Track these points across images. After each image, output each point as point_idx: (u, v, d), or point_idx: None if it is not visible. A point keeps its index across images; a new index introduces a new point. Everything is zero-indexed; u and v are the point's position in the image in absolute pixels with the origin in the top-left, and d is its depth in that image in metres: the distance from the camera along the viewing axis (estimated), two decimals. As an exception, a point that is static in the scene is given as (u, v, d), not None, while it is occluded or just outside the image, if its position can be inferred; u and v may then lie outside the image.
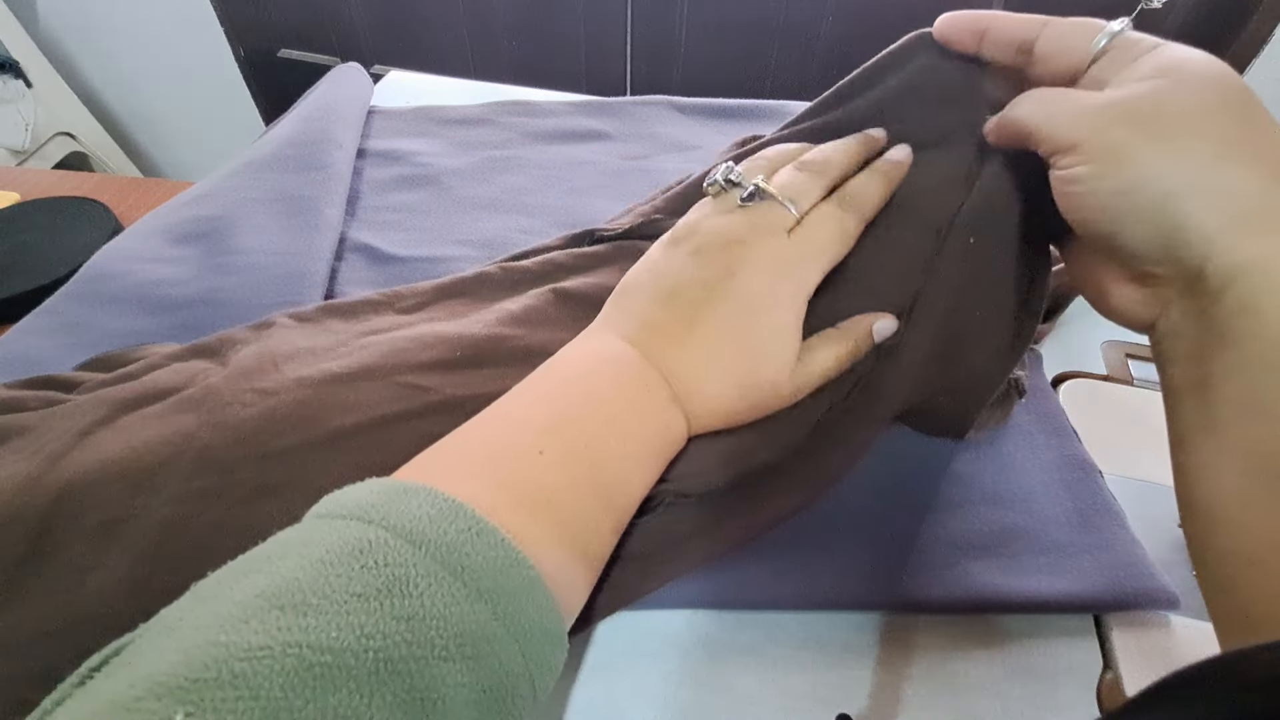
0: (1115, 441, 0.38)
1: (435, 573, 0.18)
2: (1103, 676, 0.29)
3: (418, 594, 0.17)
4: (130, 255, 0.44)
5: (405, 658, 0.16)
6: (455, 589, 0.18)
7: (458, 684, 0.17)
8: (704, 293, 0.28)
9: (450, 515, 0.20)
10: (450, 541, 0.19)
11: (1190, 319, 0.23)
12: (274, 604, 0.16)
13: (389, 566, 0.18)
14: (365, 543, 0.18)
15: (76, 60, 1.46)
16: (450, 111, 0.63)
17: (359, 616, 0.16)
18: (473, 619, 0.18)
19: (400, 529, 0.19)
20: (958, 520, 0.33)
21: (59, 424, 0.31)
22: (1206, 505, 0.22)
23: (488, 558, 0.19)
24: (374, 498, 0.20)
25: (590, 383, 0.27)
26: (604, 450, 0.25)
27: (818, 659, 0.29)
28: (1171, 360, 0.24)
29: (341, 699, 0.15)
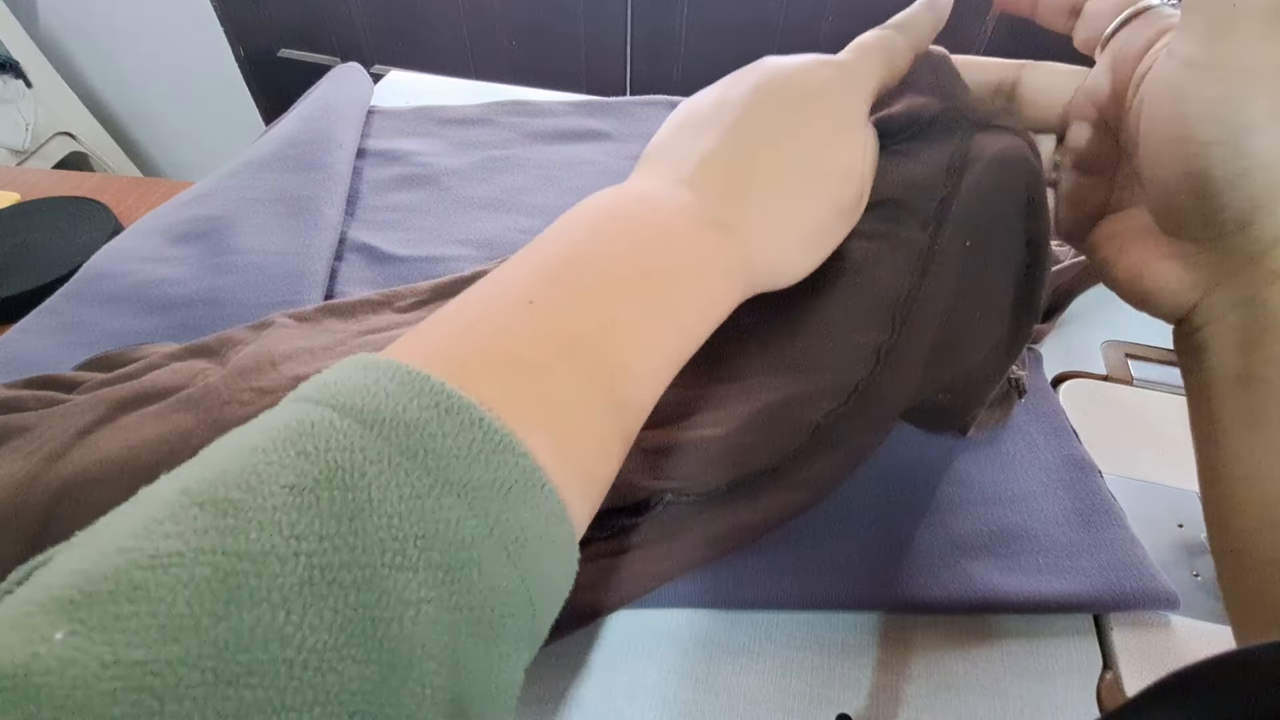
0: (1115, 441, 0.38)
1: (388, 457, 0.14)
2: (1103, 676, 0.29)
3: (364, 484, 0.14)
4: (130, 255, 0.44)
5: (346, 564, 0.13)
6: (416, 477, 0.14)
7: (420, 599, 0.13)
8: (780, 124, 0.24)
9: (412, 389, 0.15)
10: (410, 420, 0.15)
11: (1236, 305, 0.22)
12: (194, 500, 0.13)
13: (330, 451, 0.14)
14: (307, 425, 0.15)
15: (76, 60, 1.46)
16: (450, 111, 0.63)
17: (289, 514, 0.13)
18: (440, 516, 0.14)
19: (348, 407, 0.15)
20: (958, 520, 0.33)
21: (58, 424, 0.31)
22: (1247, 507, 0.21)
23: (460, 440, 0.15)
24: (331, 375, 0.16)
25: (605, 222, 0.21)
26: (620, 296, 0.20)
27: (818, 659, 0.29)
28: (1212, 351, 0.22)
29: (261, 615, 0.12)
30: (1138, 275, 0.25)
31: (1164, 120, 0.22)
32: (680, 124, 0.26)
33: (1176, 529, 0.35)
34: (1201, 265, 0.23)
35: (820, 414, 0.28)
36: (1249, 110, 0.20)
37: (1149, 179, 0.23)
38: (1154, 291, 0.24)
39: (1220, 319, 0.22)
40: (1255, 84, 0.20)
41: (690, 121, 0.25)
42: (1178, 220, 0.23)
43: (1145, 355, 0.44)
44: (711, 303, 0.22)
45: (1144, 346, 0.44)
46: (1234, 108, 0.20)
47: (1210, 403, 0.23)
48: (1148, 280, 0.24)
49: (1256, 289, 0.21)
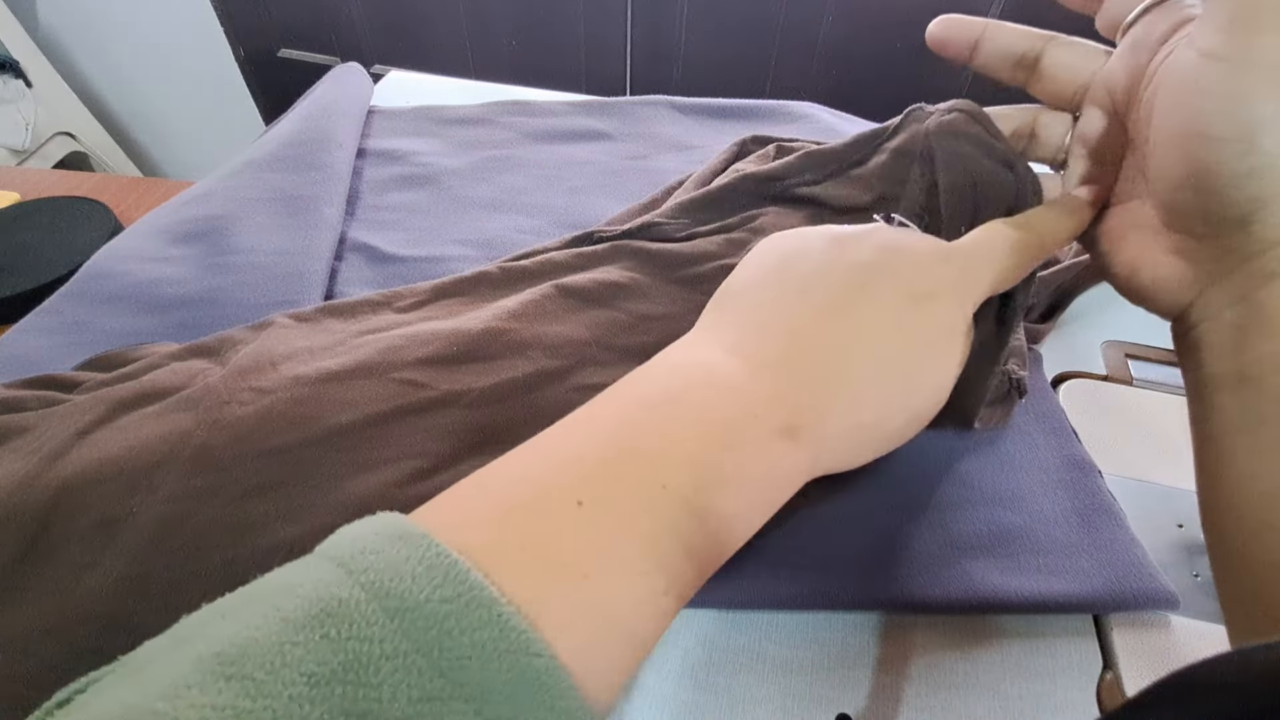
0: (1115, 441, 0.38)
1: (404, 654, 0.14)
2: (1102, 676, 0.29)
3: (379, 682, 0.14)
4: (130, 255, 0.44)
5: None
6: (428, 679, 0.14)
7: None
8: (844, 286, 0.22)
9: (438, 575, 0.15)
10: (431, 612, 0.15)
11: (1232, 304, 0.21)
12: (222, 671, 0.14)
13: (351, 640, 0.14)
14: (335, 601, 0.15)
15: (76, 60, 1.46)
16: (450, 111, 0.63)
17: (303, 705, 0.13)
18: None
19: (377, 587, 0.15)
20: (958, 520, 0.33)
21: (58, 424, 0.31)
22: (1243, 508, 0.21)
23: (477, 638, 0.15)
24: (368, 539, 0.16)
25: (669, 406, 0.20)
26: (681, 513, 0.19)
27: (818, 659, 0.29)
28: (1207, 349, 0.22)
29: None
30: (1135, 269, 0.25)
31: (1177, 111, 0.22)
32: (768, 278, 0.24)
33: (1176, 529, 0.35)
34: (1199, 262, 0.22)
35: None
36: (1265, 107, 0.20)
37: (1155, 170, 0.23)
38: (1150, 286, 0.24)
39: (1216, 317, 0.22)
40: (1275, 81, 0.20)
41: (782, 280, 0.23)
42: (1179, 214, 0.23)
43: (1145, 355, 0.44)
44: (767, 501, 0.21)
45: (1144, 346, 0.44)
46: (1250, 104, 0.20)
47: (1206, 402, 0.23)
48: (1145, 274, 0.24)
49: (1252, 288, 0.21)
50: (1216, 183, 0.21)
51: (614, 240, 0.41)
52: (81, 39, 1.43)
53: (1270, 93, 0.20)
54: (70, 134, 1.34)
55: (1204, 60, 0.21)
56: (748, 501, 0.20)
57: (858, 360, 0.22)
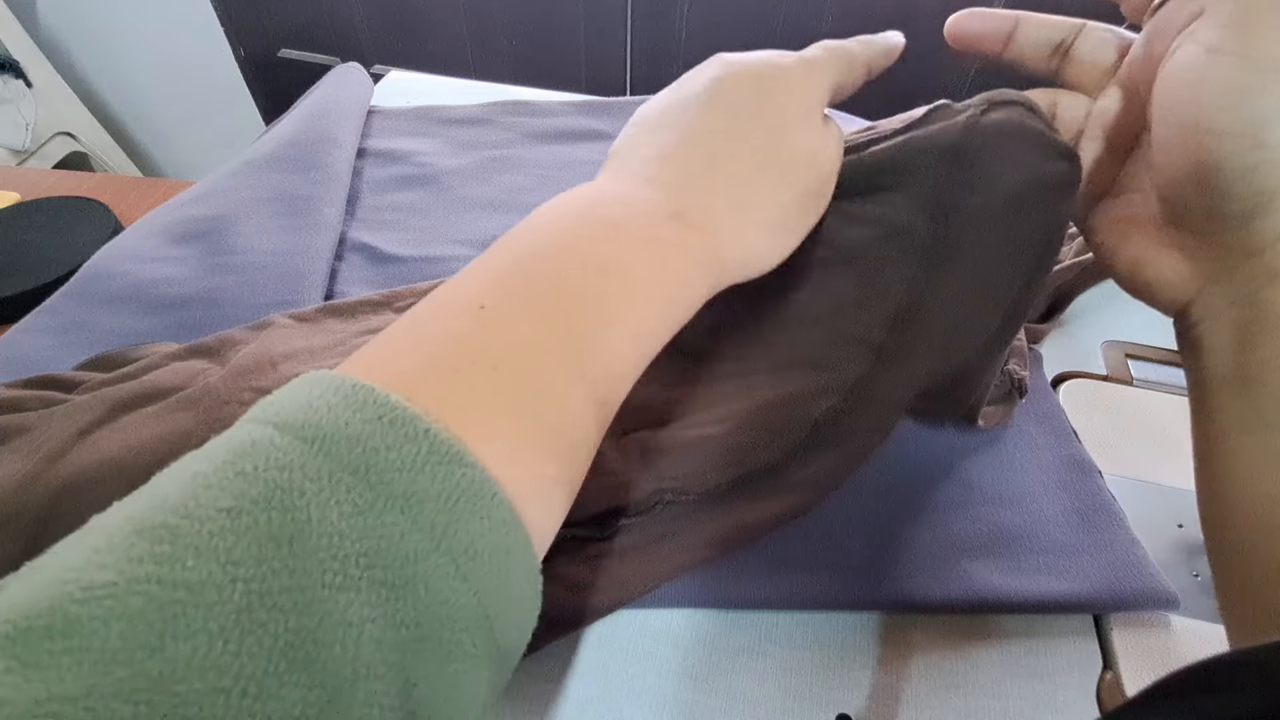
0: (1115, 441, 0.38)
1: (329, 473, 0.14)
2: (1103, 676, 0.29)
3: (303, 503, 0.13)
4: (130, 255, 0.44)
5: (285, 588, 0.13)
6: (358, 493, 0.14)
7: (362, 619, 0.13)
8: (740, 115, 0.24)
9: (355, 403, 0.15)
10: (353, 434, 0.14)
11: (1234, 302, 0.21)
12: (134, 527, 0.13)
13: (269, 470, 0.14)
14: (247, 444, 0.14)
15: (76, 60, 1.46)
16: (450, 111, 0.63)
17: (226, 539, 0.13)
18: (382, 532, 0.14)
19: (290, 424, 0.15)
20: (958, 520, 0.33)
21: (58, 424, 0.31)
22: (1243, 509, 0.21)
23: (404, 452, 0.14)
24: (278, 394, 0.16)
25: (561, 221, 0.21)
26: (574, 293, 0.19)
27: (818, 659, 0.29)
28: (1208, 349, 0.22)
29: (198, 645, 0.12)
30: (1137, 263, 0.24)
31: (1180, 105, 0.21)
32: (640, 124, 0.26)
33: (1176, 529, 0.35)
34: (1201, 259, 0.22)
35: (819, 410, 0.28)
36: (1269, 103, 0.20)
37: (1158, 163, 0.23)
38: (1152, 282, 0.24)
39: (1218, 315, 0.22)
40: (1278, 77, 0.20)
41: (649, 120, 0.25)
42: (1182, 209, 0.23)
43: (1145, 355, 0.44)
44: (675, 295, 0.22)
45: (1144, 346, 0.44)
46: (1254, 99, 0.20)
47: (1208, 403, 0.23)
48: (1147, 269, 0.24)
49: (1255, 286, 0.21)
50: (1219, 178, 0.21)
51: None
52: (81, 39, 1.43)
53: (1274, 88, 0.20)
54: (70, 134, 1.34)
55: (1208, 55, 0.21)
56: (648, 293, 0.21)
57: (724, 151, 0.23)
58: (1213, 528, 0.23)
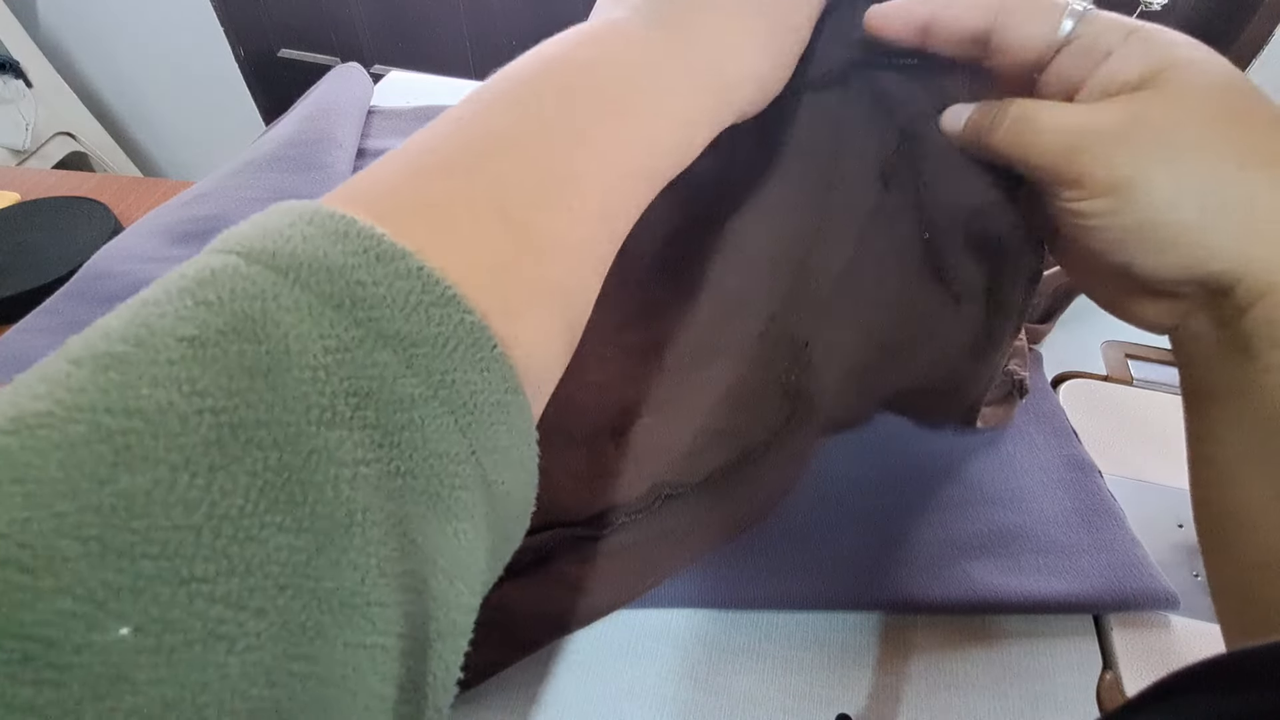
0: (1115, 441, 0.38)
1: (308, 305, 0.12)
2: (1103, 676, 0.29)
3: (279, 334, 0.12)
4: (130, 255, 0.44)
5: (263, 422, 0.11)
6: (343, 329, 0.12)
7: (356, 460, 0.12)
8: None
9: (335, 233, 0.13)
10: (334, 265, 0.13)
11: (1213, 327, 0.22)
12: (69, 359, 0.11)
13: (237, 300, 0.12)
14: (207, 273, 0.13)
15: (76, 60, 1.46)
16: (450, 111, 0.63)
17: (189, 368, 0.11)
18: (373, 372, 0.12)
19: (258, 252, 0.13)
20: (958, 520, 0.33)
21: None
22: (1228, 511, 0.22)
23: (394, 289, 0.13)
24: (243, 224, 0.14)
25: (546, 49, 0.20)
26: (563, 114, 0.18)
27: (817, 659, 0.29)
28: (1193, 363, 0.23)
29: (159, 476, 0.10)
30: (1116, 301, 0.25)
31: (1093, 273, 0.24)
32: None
33: (1176, 529, 0.35)
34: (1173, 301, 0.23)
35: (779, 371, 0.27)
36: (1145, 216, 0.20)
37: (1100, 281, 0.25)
38: (1135, 315, 0.25)
39: (1200, 337, 0.23)
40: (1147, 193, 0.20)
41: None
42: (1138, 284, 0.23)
43: (1145, 355, 0.44)
44: (678, 106, 0.21)
45: (1144, 346, 0.44)
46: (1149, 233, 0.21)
47: (1195, 409, 0.23)
48: (1125, 307, 0.25)
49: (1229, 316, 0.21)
50: (1153, 283, 0.22)
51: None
52: (81, 39, 1.43)
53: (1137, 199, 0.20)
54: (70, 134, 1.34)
55: (1069, 205, 0.22)
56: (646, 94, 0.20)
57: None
58: (1203, 529, 0.24)
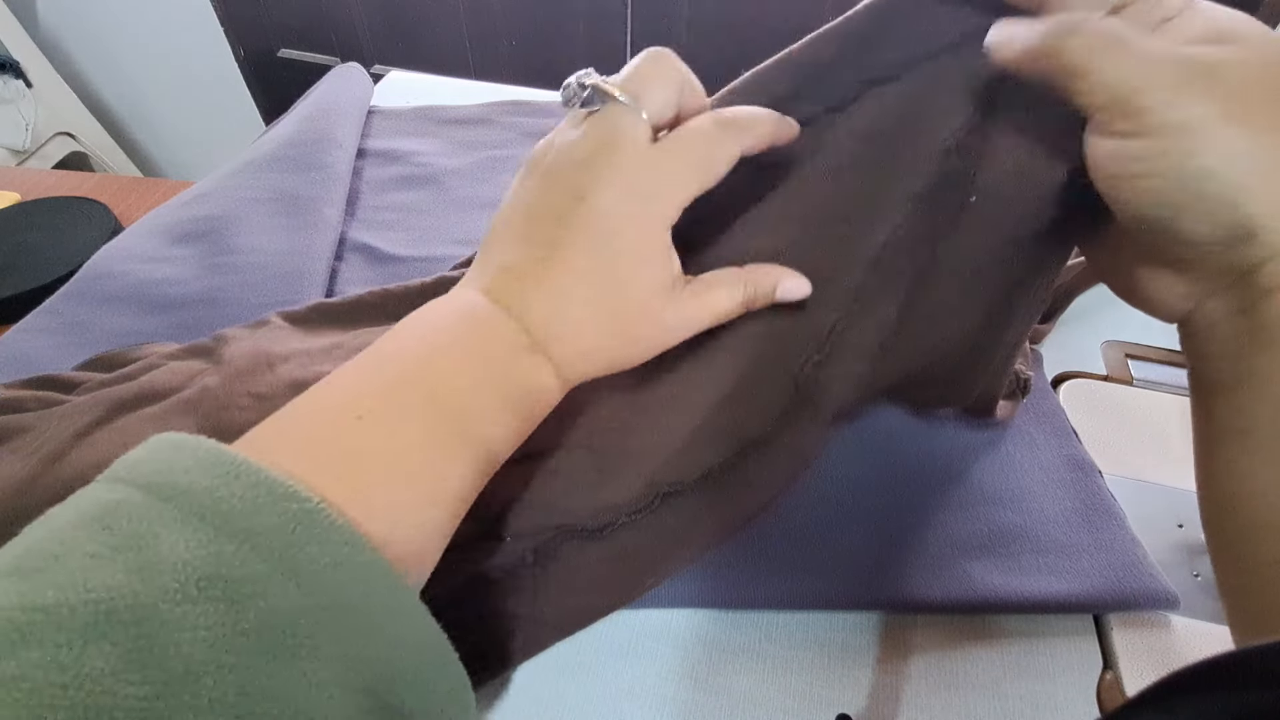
0: (1115, 441, 0.38)
1: (178, 520, 0.16)
2: (1102, 676, 0.29)
3: (155, 545, 0.16)
4: (130, 255, 0.44)
5: (131, 606, 0.15)
6: (202, 533, 0.16)
7: (198, 625, 0.15)
8: (555, 223, 0.24)
9: (208, 463, 0.18)
10: (202, 487, 0.17)
11: (1231, 315, 0.22)
12: (6, 570, 0.15)
13: (131, 523, 0.16)
14: (113, 504, 0.17)
15: (76, 60, 1.46)
16: (450, 111, 0.63)
17: (87, 574, 0.15)
18: (221, 559, 0.16)
19: (151, 485, 0.17)
20: (958, 520, 0.33)
21: (56, 425, 0.31)
22: (1238, 508, 0.21)
23: (246, 497, 0.17)
24: (141, 454, 0.18)
25: (430, 337, 0.24)
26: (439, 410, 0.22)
27: (817, 659, 0.29)
28: (1207, 356, 0.23)
29: (46, 652, 0.14)
30: (1133, 280, 0.25)
31: (1127, 202, 0.22)
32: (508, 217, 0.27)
33: (1176, 529, 0.35)
34: (1197, 277, 0.22)
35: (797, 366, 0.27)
36: (1203, 159, 0.20)
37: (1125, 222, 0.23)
38: (1150, 297, 0.24)
39: (1217, 326, 0.22)
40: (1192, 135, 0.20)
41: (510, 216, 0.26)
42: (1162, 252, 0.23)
43: (1145, 355, 0.44)
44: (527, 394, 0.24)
45: (1144, 346, 0.44)
46: (1187, 165, 0.20)
47: (1207, 406, 0.23)
48: (1144, 286, 0.24)
49: (1251, 301, 0.21)
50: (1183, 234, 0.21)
51: None
52: (81, 39, 1.43)
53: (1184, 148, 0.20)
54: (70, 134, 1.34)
55: (1115, 143, 0.21)
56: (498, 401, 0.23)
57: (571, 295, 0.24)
58: (1211, 525, 0.23)
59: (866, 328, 0.27)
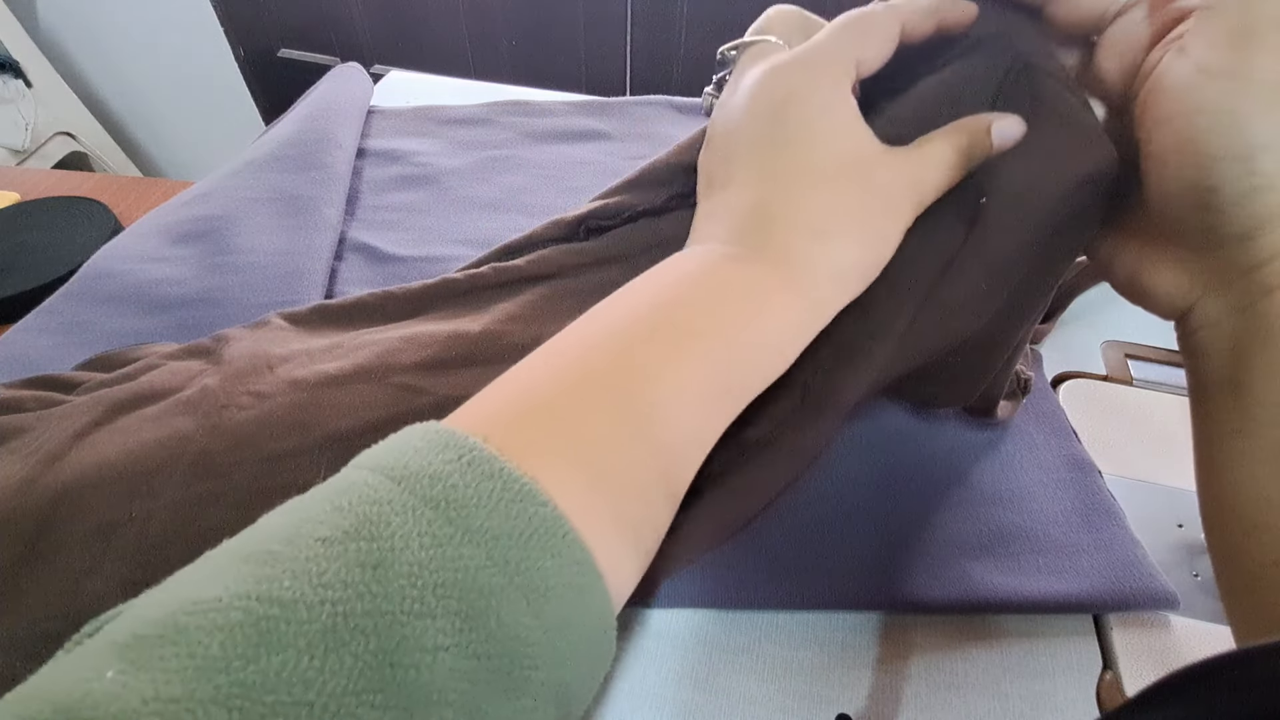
0: (1115, 441, 0.38)
1: (412, 508, 0.15)
2: (1102, 676, 0.29)
3: (388, 533, 0.14)
4: (130, 255, 0.44)
5: (368, 611, 0.14)
6: (438, 526, 0.15)
7: (437, 646, 0.14)
8: (768, 146, 0.24)
9: (438, 444, 0.16)
10: (434, 472, 0.16)
11: (1231, 313, 0.21)
12: (241, 555, 0.14)
13: (361, 505, 0.15)
14: (344, 484, 0.16)
15: (76, 60, 1.46)
16: (450, 111, 0.63)
17: (319, 563, 0.14)
18: (459, 564, 0.15)
19: (382, 465, 0.16)
20: (958, 520, 0.33)
21: (55, 425, 0.31)
22: (1237, 509, 0.21)
23: (480, 489, 0.16)
24: (381, 443, 0.18)
25: (640, 281, 0.22)
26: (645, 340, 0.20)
27: (817, 659, 0.29)
28: (1205, 355, 0.23)
29: (287, 659, 0.13)
30: (1135, 273, 0.24)
31: (1173, 127, 0.21)
32: (702, 176, 0.26)
33: (1176, 529, 0.35)
34: (1198, 271, 0.22)
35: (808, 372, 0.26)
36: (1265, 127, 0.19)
37: (1153, 179, 0.23)
38: (1150, 291, 0.24)
39: (1216, 324, 0.22)
40: (1275, 100, 0.19)
41: (705, 171, 0.26)
42: (1177, 226, 0.23)
43: (1145, 355, 0.44)
44: (773, 333, 0.22)
45: (1144, 346, 0.44)
46: (1250, 123, 0.19)
47: (1205, 406, 0.23)
48: (1145, 279, 0.24)
49: (1251, 299, 0.21)
50: (1215, 200, 0.20)
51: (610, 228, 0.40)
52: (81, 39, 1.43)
53: (1270, 112, 0.19)
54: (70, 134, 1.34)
55: (1201, 76, 0.20)
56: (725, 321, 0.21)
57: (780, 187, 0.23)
58: (1211, 526, 0.23)
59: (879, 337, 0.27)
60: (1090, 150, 0.25)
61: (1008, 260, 0.27)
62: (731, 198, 0.24)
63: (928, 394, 0.34)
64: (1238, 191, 0.20)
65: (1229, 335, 0.22)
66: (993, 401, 0.34)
